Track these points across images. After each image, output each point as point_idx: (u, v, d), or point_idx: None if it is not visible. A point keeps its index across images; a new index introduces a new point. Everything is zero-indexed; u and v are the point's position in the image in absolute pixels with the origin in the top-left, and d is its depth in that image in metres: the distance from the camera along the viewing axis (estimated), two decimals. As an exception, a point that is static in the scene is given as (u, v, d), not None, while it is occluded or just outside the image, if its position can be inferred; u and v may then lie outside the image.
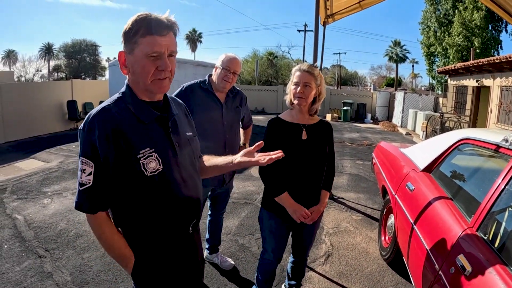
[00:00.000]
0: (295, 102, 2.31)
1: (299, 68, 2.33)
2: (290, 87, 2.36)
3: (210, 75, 3.01)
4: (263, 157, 1.49)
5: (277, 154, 1.50)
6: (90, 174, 1.33)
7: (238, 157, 1.57)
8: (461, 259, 1.81)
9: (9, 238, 4.03)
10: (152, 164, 1.37)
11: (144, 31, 1.31)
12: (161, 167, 1.40)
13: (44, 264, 3.46)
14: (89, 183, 1.33)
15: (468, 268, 1.72)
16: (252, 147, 1.56)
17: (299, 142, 2.33)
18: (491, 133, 2.63)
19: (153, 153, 1.38)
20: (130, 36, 1.34)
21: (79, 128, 1.38)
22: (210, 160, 1.74)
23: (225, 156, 1.67)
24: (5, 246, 3.82)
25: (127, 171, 1.35)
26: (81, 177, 1.34)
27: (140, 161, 1.35)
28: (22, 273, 3.30)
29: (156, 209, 1.43)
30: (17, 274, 3.28)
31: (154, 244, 1.47)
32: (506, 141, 2.24)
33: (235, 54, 2.93)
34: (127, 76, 1.46)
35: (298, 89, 2.27)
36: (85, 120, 1.35)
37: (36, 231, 4.23)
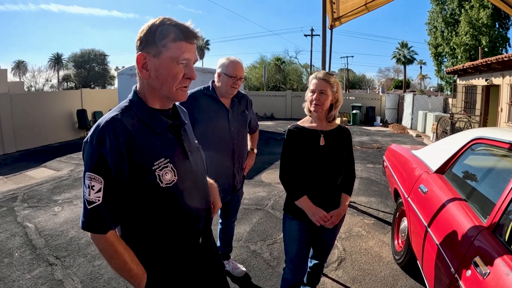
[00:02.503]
0: (312, 109, 2.36)
1: (315, 76, 2.38)
2: (307, 95, 2.41)
3: (213, 81, 2.95)
4: None
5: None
6: (99, 191, 1.24)
7: None
8: (478, 261, 1.77)
9: (20, 246, 4.05)
10: (168, 176, 1.31)
11: (176, 36, 1.27)
12: (176, 178, 1.34)
13: (55, 272, 3.47)
14: (99, 200, 1.24)
15: (485, 270, 1.68)
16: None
17: (317, 147, 2.37)
18: (504, 132, 2.58)
19: (168, 164, 1.32)
20: (157, 38, 1.27)
21: (84, 140, 1.27)
22: None
23: None
24: (16, 254, 3.83)
25: (142, 184, 1.28)
26: (89, 195, 1.24)
27: (156, 173, 1.29)
28: (33, 281, 3.31)
29: (169, 221, 1.38)
30: (28, 282, 3.29)
31: (165, 258, 1.41)
32: (521, 140, 2.19)
33: (236, 57, 2.87)
34: (138, 82, 1.40)
35: (314, 96, 2.33)
36: (92, 131, 1.25)
37: (47, 239, 4.24)
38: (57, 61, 59.70)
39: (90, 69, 58.59)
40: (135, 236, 1.37)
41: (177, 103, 1.52)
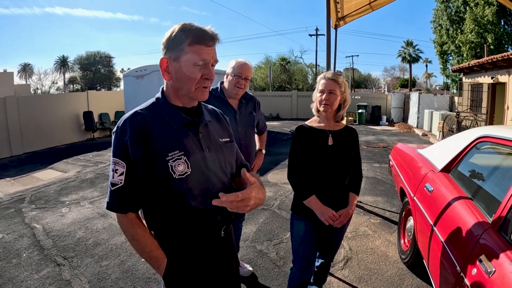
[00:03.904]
0: (321, 109, 2.38)
1: (323, 76, 2.41)
2: (316, 95, 2.43)
3: (222, 82, 3.00)
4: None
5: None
6: (122, 174, 1.37)
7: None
8: (483, 260, 1.77)
9: (28, 246, 4.09)
10: (180, 167, 1.39)
11: (192, 40, 1.37)
12: (190, 170, 1.41)
13: (63, 272, 3.50)
14: (121, 183, 1.37)
15: (491, 268, 1.68)
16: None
17: (325, 147, 2.38)
18: (510, 130, 2.57)
19: (182, 156, 1.40)
20: (176, 43, 1.38)
21: (113, 131, 1.43)
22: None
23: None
24: (24, 255, 3.87)
25: (156, 173, 1.38)
26: (113, 177, 1.38)
27: (169, 163, 1.37)
28: (41, 281, 3.34)
29: (185, 212, 1.44)
30: (35, 282, 3.32)
31: (185, 247, 1.49)
32: (527, 137, 2.18)
33: (246, 59, 2.93)
34: (165, 83, 1.50)
35: (323, 96, 2.35)
36: (118, 122, 1.41)
37: (54, 239, 4.28)
38: (63, 64, 60.11)
39: (95, 71, 58.89)
40: (156, 223, 1.48)
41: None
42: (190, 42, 1.37)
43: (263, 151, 3.40)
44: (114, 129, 1.42)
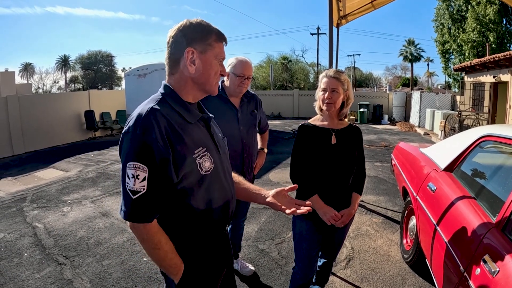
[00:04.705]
0: (324, 107, 2.35)
1: (325, 75, 2.37)
2: (319, 93, 2.40)
3: (223, 81, 2.97)
4: (291, 208, 1.49)
5: (305, 208, 1.47)
6: (144, 179, 1.25)
7: (270, 196, 1.59)
8: (487, 259, 1.76)
9: (29, 246, 4.09)
10: (207, 163, 1.39)
11: (217, 37, 1.42)
12: (213, 165, 1.43)
13: (64, 272, 3.50)
14: (143, 189, 1.25)
15: (495, 268, 1.67)
16: (287, 188, 1.58)
17: (329, 146, 2.36)
18: (513, 129, 2.56)
19: (206, 152, 1.41)
20: (202, 37, 1.39)
21: (124, 131, 1.30)
22: (240, 181, 1.75)
23: (256, 187, 1.70)
24: (26, 254, 3.87)
25: (185, 172, 1.33)
26: (134, 184, 1.25)
27: (197, 161, 1.36)
28: (42, 280, 3.34)
29: (206, 209, 1.43)
30: (37, 282, 3.32)
31: (200, 248, 1.46)
32: (531, 136, 2.17)
33: (245, 56, 2.89)
34: (171, 77, 1.46)
35: (326, 94, 2.32)
36: (134, 121, 1.28)
37: (56, 239, 4.28)
38: (64, 63, 60.13)
39: (97, 71, 58.91)
40: (173, 226, 1.40)
41: None
42: (215, 38, 1.41)
43: (265, 150, 3.39)
44: (129, 129, 1.28)
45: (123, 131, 1.31)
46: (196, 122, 1.45)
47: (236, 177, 1.74)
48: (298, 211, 1.45)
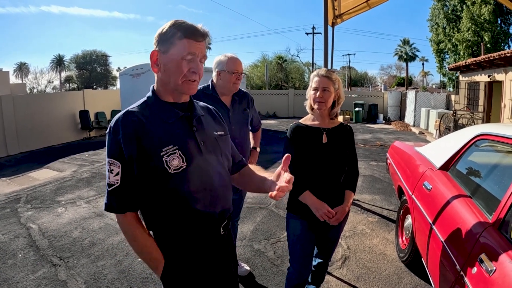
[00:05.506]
0: (315, 106, 2.36)
1: (317, 74, 2.37)
2: (310, 93, 2.40)
3: (213, 80, 2.92)
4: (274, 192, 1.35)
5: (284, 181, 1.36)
6: (117, 174, 1.37)
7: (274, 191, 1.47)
8: (483, 258, 1.75)
9: (23, 247, 4.05)
10: (175, 161, 1.39)
11: (182, 34, 1.39)
12: (185, 164, 1.41)
13: (59, 273, 3.47)
14: (117, 183, 1.37)
15: (491, 267, 1.66)
16: (280, 167, 1.46)
17: (320, 145, 2.36)
18: (508, 128, 2.55)
19: (176, 151, 1.40)
20: (167, 37, 1.40)
21: (106, 132, 1.43)
22: (252, 176, 1.72)
23: (263, 176, 1.64)
24: (20, 255, 3.84)
25: (151, 169, 1.38)
26: (109, 178, 1.38)
27: (163, 158, 1.37)
28: (37, 282, 3.31)
29: (183, 209, 1.44)
30: (31, 283, 3.29)
31: (184, 246, 1.48)
32: (526, 135, 2.17)
33: (234, 54, 2.85)
34: (156, 79, 1.50)
35: (317, 94, 2.32)
36: (110, 123, 1.41)
37: (50, 239, 4.24)
38: (59, 63, 59.82)
39: (92, 70, 58.63)
40: (155, 222, 1.48)
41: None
42: (180, 35, 1.39)
43: (258, 149, 3.37)
44: (107, 130, 1.41)
45: (106, 131, 1.45)
46: (176, 121, 1.46)
47: (248, 170, 1.77)
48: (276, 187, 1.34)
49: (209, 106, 1.77)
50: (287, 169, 1.44)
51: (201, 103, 1.72)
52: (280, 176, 1.43)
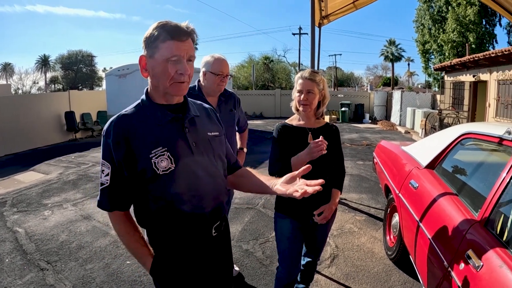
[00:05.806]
0: (300, 108, 2.38)
1: (301, 76, 2.39)
2: (295, 94, 2.41)
3: (199, 80, 2.91)
4: (299, 190, 1.41)
5: (314, 188, 1.41)
6: (107, 174, 1.43)
7: (278, 184, 1.51)
8: (471, 254, 1.78)
9: (10, 251, 3.99)
10: (163, 163, 1.40)
11: (165, 37, 1.38)
12: (173, 165, 1.42)
13: (47, 277, 3.42)
14: (107, 182, 1.44)
15: (478, 263, 1.69)
16: (297, 172, 1.51)
17: (306, 145, 2.34)
18: (493, 126, 2.60)
19: (165, 152, 1.41)
20: (151, 41, 1.40)
21: (102, 133, 1.48)
22: (251, 177, 1.71)
23: (266, 177, 1.64)
24: (7, 260, 3.78)
25: (141, 171, 1.40)
26: (100, 177, 1.46)
27: (152, 160, 1.39)
28: (25, 287, 3.26)
29: (173, 209, 1.45)
30: (19, 288, 3.24)
31: (173, 245, 1.50)
32: (509, 133, 2.21)
33: (220, 54, 2.84)
34: (148, 82, 1.52)
35: (302, 96, 2.33)
36: (105, 125, 1.45)
37: (37, 243, 4.18)
38: (44, 63, 58.99)
39: (77, 71, 57.96)
40: (145, 221, 1.53)
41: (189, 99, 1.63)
42: (163, 38, 1.38)
43: (245, 150, 3.37)
44: (102, 132, 1.46)
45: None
46: (167, 123, 1.47)
47: (245, 171, 1.77)
48: (309, 190, 1.39)
49: (207, 106, 1.75)
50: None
51: (198, 102, 1.71)
52: (296, 180, 1.51)
